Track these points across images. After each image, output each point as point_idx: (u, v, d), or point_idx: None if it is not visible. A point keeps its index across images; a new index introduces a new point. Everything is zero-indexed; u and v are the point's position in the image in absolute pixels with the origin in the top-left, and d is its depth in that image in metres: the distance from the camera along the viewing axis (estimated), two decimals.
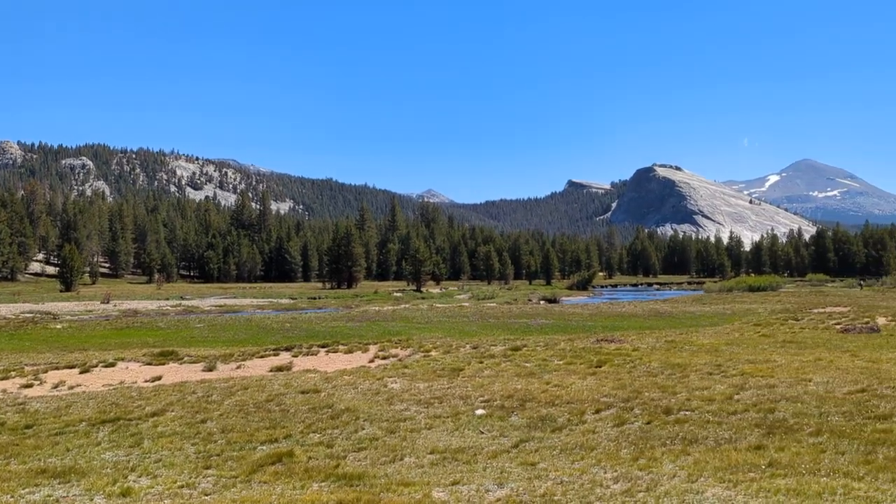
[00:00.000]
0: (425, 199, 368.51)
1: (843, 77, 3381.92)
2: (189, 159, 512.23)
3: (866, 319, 36.69)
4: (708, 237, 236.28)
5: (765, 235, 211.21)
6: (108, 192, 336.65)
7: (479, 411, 14.41)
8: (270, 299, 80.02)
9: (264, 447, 11.95)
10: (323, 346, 27.48)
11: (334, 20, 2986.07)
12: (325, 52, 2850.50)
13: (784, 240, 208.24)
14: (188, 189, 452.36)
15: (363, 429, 13.20)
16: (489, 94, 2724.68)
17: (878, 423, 12.44)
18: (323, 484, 9.85)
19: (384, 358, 24.23)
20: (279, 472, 10.40)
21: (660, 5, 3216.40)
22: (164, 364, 23.18)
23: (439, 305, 61.35)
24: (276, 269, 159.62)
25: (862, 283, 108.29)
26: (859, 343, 26.15)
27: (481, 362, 21.84)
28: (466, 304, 65.60)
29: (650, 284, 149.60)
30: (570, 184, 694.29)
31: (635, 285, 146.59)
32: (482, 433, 12.66)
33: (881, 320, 36.54)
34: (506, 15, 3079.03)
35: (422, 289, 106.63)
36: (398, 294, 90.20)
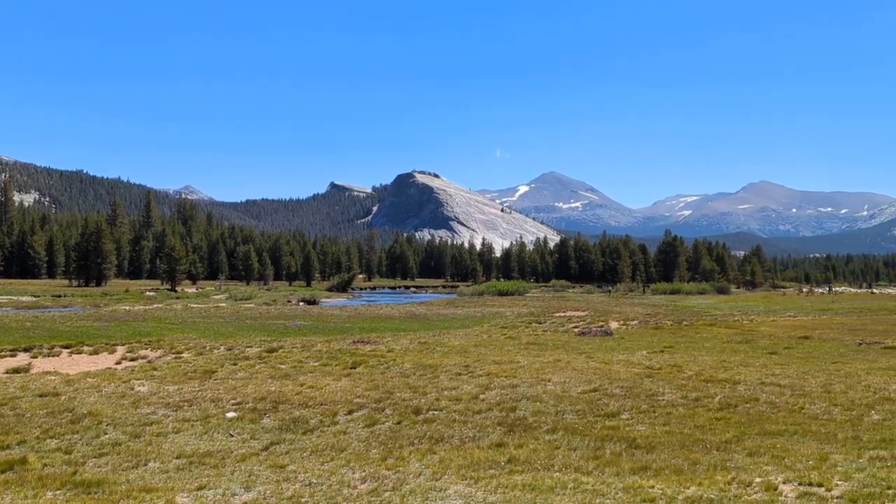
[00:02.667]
0: (183, 196, 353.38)
1: (584, 94, 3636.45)
2: None
3: (601, 323, 39.71)
4: (462, 243, 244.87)
5: (514, 242, 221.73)
6: None
7: (231, 414, 14.14)
8: (10, 297, 73.48)
9: None
10: (66, 347, 25.65)
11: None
12: (73, 35, 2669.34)
13: (531, 247, 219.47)
14: None
15: (105, 433, 12.54)
16: (253, 91, 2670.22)
17: (607, 421, 13.53)
18: (58, 492, 9.28)
19: (132, 360, 23.09)
20: (10, 481, 9.65)
21: (416, 15, 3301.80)
22: None
23: (195, 305, 59.23)
24: (18, 265, 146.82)
25: (610, 289, 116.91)
26: (594, 345, 28.22)
27: (235, 364, 21.40)
28: (223, 304, 63.83)
29: (408, 287, 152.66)
30: (333, 186, 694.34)
31: (394, 288, 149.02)
32: (232, 436, 12.44)
33: (614, 324, 39.67)
34: (270, 14, 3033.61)
35: (177, 288, 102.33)
36: (151, 293, 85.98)
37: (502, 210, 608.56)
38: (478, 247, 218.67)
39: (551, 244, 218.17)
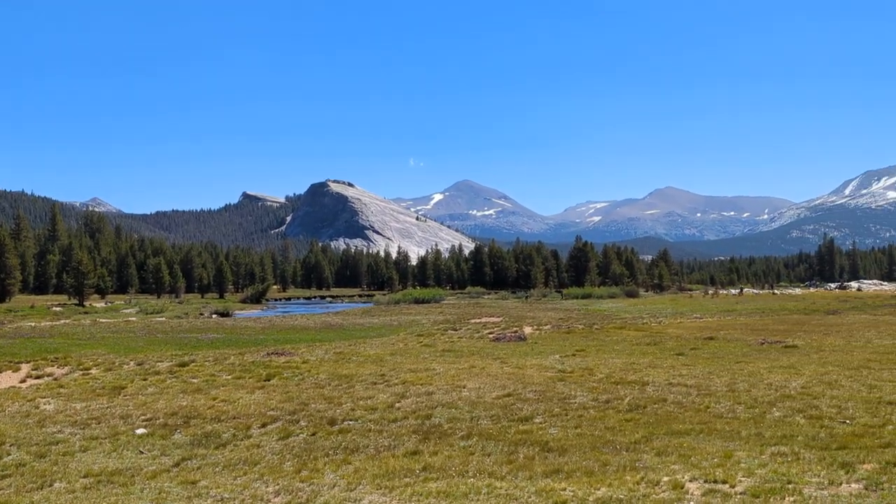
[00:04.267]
0: (91, 209, 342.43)
1: (494, 102, 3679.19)
2: None
3: (515, 329, 40.15)
4: (378, 251, 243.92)
5: (430, 250, 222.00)
6: None
7: (141, 430, 13.84)
8: None
9: None
10: None
11: None
12: None
13: (447, 255, 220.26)
14: None
15: (9, 454, 12.14)
16: (162, 101, 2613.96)
17: (521, 425, 13.72)
18: None
19: (38, 377, 22.33)
20: None
21: (326, 25, 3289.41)
22: None
23: (104, 320, 57.52)
24: None
25: (524, 295, 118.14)
26: (508, 351, 28.55)
27: (146, 379, 20.93)
28: (134, 318, 62.20)
29: (323, 297, 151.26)
30: (246, 196, 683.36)
31: (309, 298, 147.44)
32: (142, 453, 12.18)
33: (528, 329, 40.16)
34: (180, 25, 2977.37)
35: (85, 303, 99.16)
36: (58, 308, 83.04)
37: (417, 218, 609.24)
38: (393, 255, 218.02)
39: (466, 251, 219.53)
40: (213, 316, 68.26)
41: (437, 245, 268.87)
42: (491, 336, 35.93)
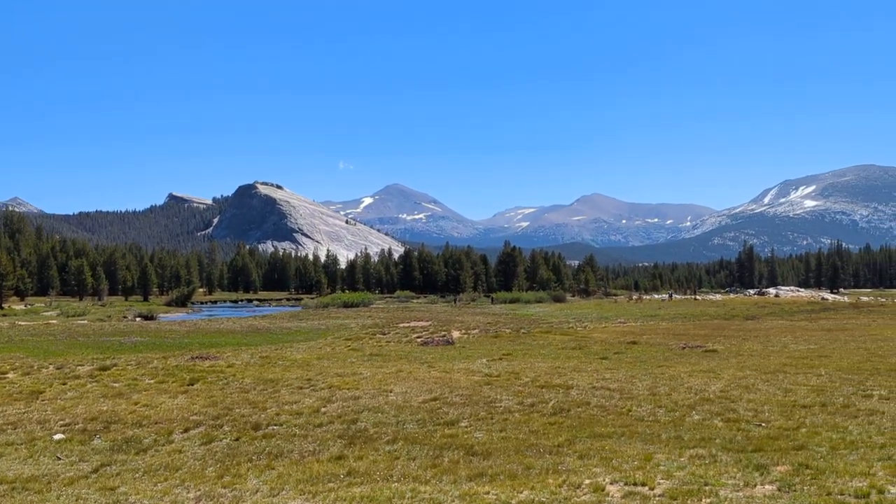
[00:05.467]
0: (10, 209, 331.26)
1: (424, 107, 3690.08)
2: None
3: (443, 333, 40.31)
4: (307, 255, 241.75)
5: (359, 254, 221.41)
6: None
7: (58, 436, 13.50)
8: None
9: None
10: None
11: None
12: None
13: (376, 259, 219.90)
14: None
15: None
16: (85, 99, 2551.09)
17: (447, 429, 13.80)
18: None
19: None
20: None
21: (252, 24, 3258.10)
22: None
23: (23, 323, 55.81)
24: None
25: (453, 299, 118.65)
26: (436, 355, 28.65)
27: (65, 384, 20.40)
28: (54, 321, 60.51)
29: (251, 300, 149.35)
30: (172, 197, 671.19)
31: (236, 301, 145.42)
32: (60, 459, 11.88)
33: (456, 333, 40.36)
34: (108, 23, 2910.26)
35: (3, 305, 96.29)
36: None
37: (347, 222, 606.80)
38: (322, 259, 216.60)
39: (396, 255, 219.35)
40: (137, 319, 66.91)
41: (366, 249, 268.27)
42: (419, 340, 36.01)
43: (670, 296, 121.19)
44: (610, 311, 68.73)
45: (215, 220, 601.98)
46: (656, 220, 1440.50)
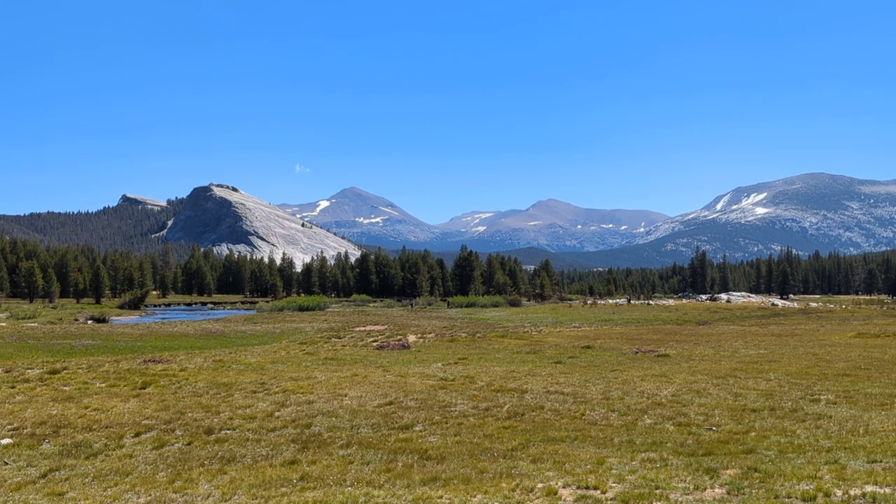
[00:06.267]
0: None
1: (381, 109, 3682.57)
2: None
3: (399, 337, 40.29)
4: (262, 258, 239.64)
5: (315, 258, 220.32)
6: None
7: (6, 440, 13.27)
8: None
9: None
10: None
11: None
12: None
13: (333, 262, 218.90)
14: None
15: None
16: (38, 97, 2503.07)
17: (401, 433, 13.81)
18: None
19: None
20: None
21: (208, 24, 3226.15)
22: None
23: None
24: None
25: (410, 303, 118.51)
26: (392, 359, 28.65)
27: (14, 387, 20.03)
28: (4, 323, 59.25)
29: (205, 304, 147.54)
30: (125, 199, 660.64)
31: (190, 304, 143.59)
32: (7, 464, 11.69)
33: (412, 338, 40.36)
34: (57, 21, 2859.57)
35: None
36: None
37: (303, 225, 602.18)
38: (278, 262, 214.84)
39: (352, 259, 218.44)
40: (89, 322, 65.77)
41: (322, 252, 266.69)
42: (375, 344, 35.96)
43: (628, 300, 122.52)
44: (565, 316, 69.22)
45: (170, 222, 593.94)
46: (611, 225, 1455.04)
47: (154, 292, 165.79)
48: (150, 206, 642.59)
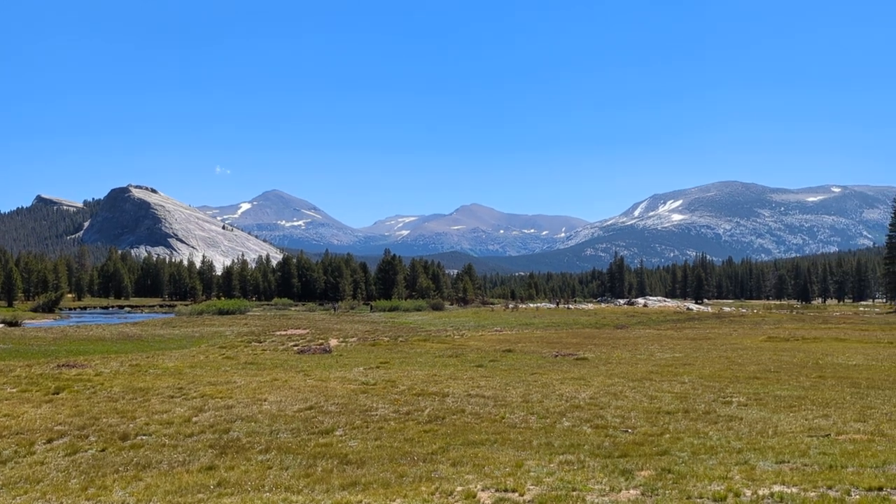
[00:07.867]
0: None
1: (303, 111, 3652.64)
2: None
3: (321, 341, 40.05)
4: (182, 260, 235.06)
5: (236, 261, 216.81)
6: None
7: None
8: None
9: None
10: None
11: None
12: None
13: (254, 265, 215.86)
14: None
15: None
16: None
17: (321, 438, 13.77)
18: None
19: None
20: None
21: (135, 20, 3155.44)
22: None
23: None
24: None
25: (333, 307, 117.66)
26: (313, 363, 28.48)
27: None
28: None
29: (122, 307, 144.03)
30: (40, 199, 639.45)
31: (107, 308, 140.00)
32: None
33: (333, 342, 40.16)
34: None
35: None
36: None
37: (224, 227, 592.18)
38: (198, 265, 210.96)
39: (274, 262, 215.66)
40: (0, 325, 63.58)
41: (244, 255, 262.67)
42: (296, 348, 35.69)
43: (557, 304, 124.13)
44: (487, 320, 69.75)
45: (86, 224, 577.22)
46: (533, 230, 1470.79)
47: (69, 295, 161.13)
48: (65, 207, 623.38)
